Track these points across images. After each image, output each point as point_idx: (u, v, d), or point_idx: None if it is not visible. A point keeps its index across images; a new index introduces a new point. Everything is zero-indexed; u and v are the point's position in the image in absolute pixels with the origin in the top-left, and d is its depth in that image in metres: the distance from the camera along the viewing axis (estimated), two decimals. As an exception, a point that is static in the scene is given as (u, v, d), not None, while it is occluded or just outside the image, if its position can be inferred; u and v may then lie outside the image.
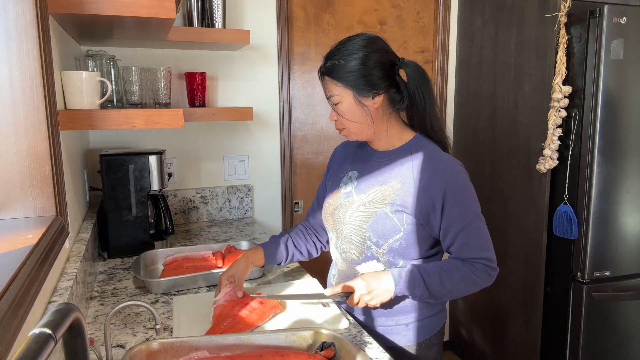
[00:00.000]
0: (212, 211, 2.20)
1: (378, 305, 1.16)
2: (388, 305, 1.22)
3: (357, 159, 1.31)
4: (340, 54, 1.15)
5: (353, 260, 1.25)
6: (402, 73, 1.19)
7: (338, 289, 1.20)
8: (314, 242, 1.45)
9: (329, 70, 1.16)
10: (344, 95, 1.16)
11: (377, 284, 1.14)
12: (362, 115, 1.18)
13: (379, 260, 1.21)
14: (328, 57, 1.18)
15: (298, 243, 1.42)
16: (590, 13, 1.86)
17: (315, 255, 1.46)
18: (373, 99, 1.16)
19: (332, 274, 1.36)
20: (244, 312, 1.17)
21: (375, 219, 1.18)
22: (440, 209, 1.14)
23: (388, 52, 1.18)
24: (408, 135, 1.23)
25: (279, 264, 1.40)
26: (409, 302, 1.23)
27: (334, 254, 1.33)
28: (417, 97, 1.18)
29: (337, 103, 1.18)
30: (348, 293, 1.18)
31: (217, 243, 1.75)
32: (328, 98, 1.20)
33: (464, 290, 1.15)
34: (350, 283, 1.17)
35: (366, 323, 1.27)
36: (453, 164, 1.17)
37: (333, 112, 1.21)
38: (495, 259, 1.16)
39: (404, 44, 2.47)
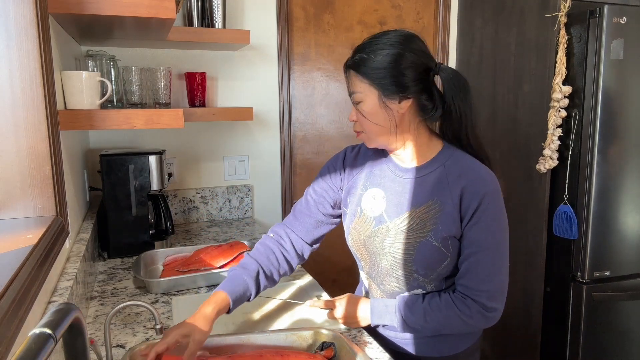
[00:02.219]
0: (212, 211, 2.20)
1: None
2: None
3: (377, 173, 1.16)
4: (371, 47, 1.03)
5: (394, 292, 1.14)
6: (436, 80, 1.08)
7: (320, 304, 1.20)
8: (287, 263, 1.20)
9: (356, 64, 1.04)
10: (368, 94, 1.04)
11: (353, 312, 1.15)
12: (385, 119, 1.05)
13: (424, 289, 1.11)
14: (357, 50, 1.06)
15: (270, 270, 1.16)
16: (590, 13, 1.86)
17: (364, 282, 1.25)
18: (399, 103, 1.04)
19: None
20: None
21: (420, 250, 1.06)
22: (466, 224, 1.04)
23: (425, 54, 1.05)
24: (437, 145, 1.11)
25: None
26: None
27: (367, 282, 1.22)
28: (452, 108, 1.05)
29: (359, 102, 1.06)
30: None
31: (216, 243, 1.75)
32: (350, 95, 1.08)
33: (453, 329, 1.09)
34: (332, 300, 1.19)
35: (384, 335, 1.20)
36: (491, 181, 1.05)
37: (354, 112, 1.10)
38: (498, 297, 1.05)
39: (404, 44, 2.47)
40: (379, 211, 1.12)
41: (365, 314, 1.14)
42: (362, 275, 1.23)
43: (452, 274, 1.09)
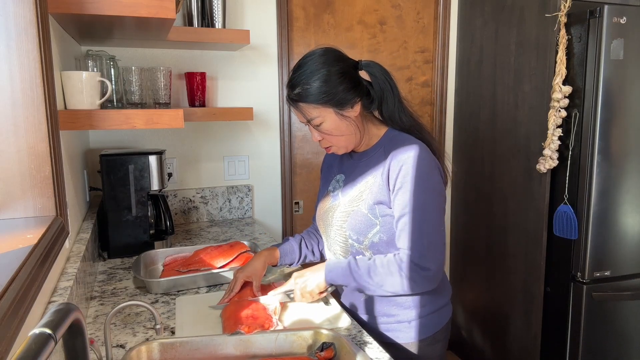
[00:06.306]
0: (212, 211, 2.20)
1: (316, 291, 1.24)
2: (389, 303, 1.23)
3: (344, 161, 1.34)
4: (304, 77, 1.16)
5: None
6: (364, 74, 1.21)
7: (282, 289, 1.30)
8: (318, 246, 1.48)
9: (300, 96, 1.16)
10: (325, 115, 1.17)
11: (309, 273, 1.25)
12: (348, 127, 1.19)
13: (364, 256, 1.23)
14: (293, 85, 1.18)
15: (310, 244, 1.45)
16: (590, 13, 1.86)
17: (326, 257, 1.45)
18: (352, 108, 1.18)
19: None
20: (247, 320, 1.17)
21: (352, 217, 1.22)
22: (394, 193, 1.15)
23: (345, 59, 1.20)
24: (382, 130, 1.26)
25: (291, 264, 1.44)
26: (410, 299, 1.23)
27: (329, 255, 1.36)
28: (386, 94, 1.20)
29: (320, 124, 1.18)
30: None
31: (216, 243, 1.75)
32: (308, 122, 1.19)
33: (396, 287, 1.14)
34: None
35: (368, 322, 1.28)
36: (414, 149, 1.15)
37: (315, 134, 1.22)
38: (430, 257, 1.12)
39: (404, 44, 2.47)
40: (337, 191, 1.31)
41: (318, 273, 1.23)
42: (325, 249, 1.38)
43: (386, 244, 1.20)
